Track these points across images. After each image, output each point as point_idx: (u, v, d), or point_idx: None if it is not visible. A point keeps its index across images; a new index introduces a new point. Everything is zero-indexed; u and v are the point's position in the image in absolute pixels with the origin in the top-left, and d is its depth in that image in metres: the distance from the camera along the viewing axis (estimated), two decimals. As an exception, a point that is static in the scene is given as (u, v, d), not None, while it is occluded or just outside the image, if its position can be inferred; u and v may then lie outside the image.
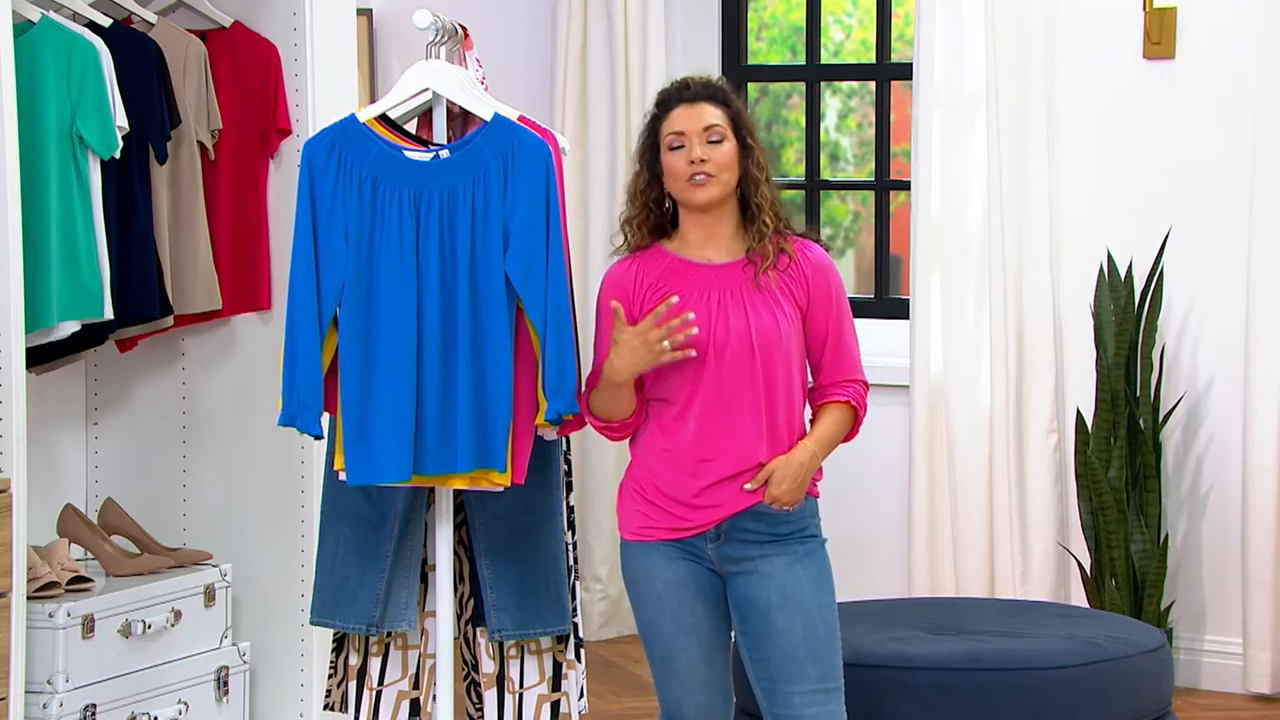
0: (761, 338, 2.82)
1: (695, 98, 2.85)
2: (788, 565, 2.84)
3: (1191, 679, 4.55)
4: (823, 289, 2.87)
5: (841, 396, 2.89)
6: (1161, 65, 4.54)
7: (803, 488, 2.85)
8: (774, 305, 2.84)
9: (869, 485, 4.76)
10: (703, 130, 2.84)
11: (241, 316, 3.95)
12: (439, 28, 3.12)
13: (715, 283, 2.85)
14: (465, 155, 2.97)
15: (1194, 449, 4.57)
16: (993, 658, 3.32)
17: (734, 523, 2.86)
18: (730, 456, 2.84)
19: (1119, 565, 4.40)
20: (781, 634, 2.82)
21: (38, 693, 3.48)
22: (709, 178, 2.83)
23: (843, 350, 2.89)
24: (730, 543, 2.87)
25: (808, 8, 5.05)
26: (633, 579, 2.91)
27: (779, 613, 2.82)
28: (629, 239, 2.91)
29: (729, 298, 2.84)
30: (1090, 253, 4.56)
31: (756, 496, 2.85)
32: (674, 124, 2.85)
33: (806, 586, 2.84)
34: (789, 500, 2.84)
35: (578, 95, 4.96)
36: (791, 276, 2.86)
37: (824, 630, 2.84)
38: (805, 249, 2.89)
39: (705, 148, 2.83)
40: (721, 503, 2.85)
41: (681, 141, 2.84)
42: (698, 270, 2.87)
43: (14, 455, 3.36)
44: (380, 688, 3.20)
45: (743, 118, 2.87)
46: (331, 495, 3.17)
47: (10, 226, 3.36)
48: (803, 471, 2.84)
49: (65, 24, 3.56)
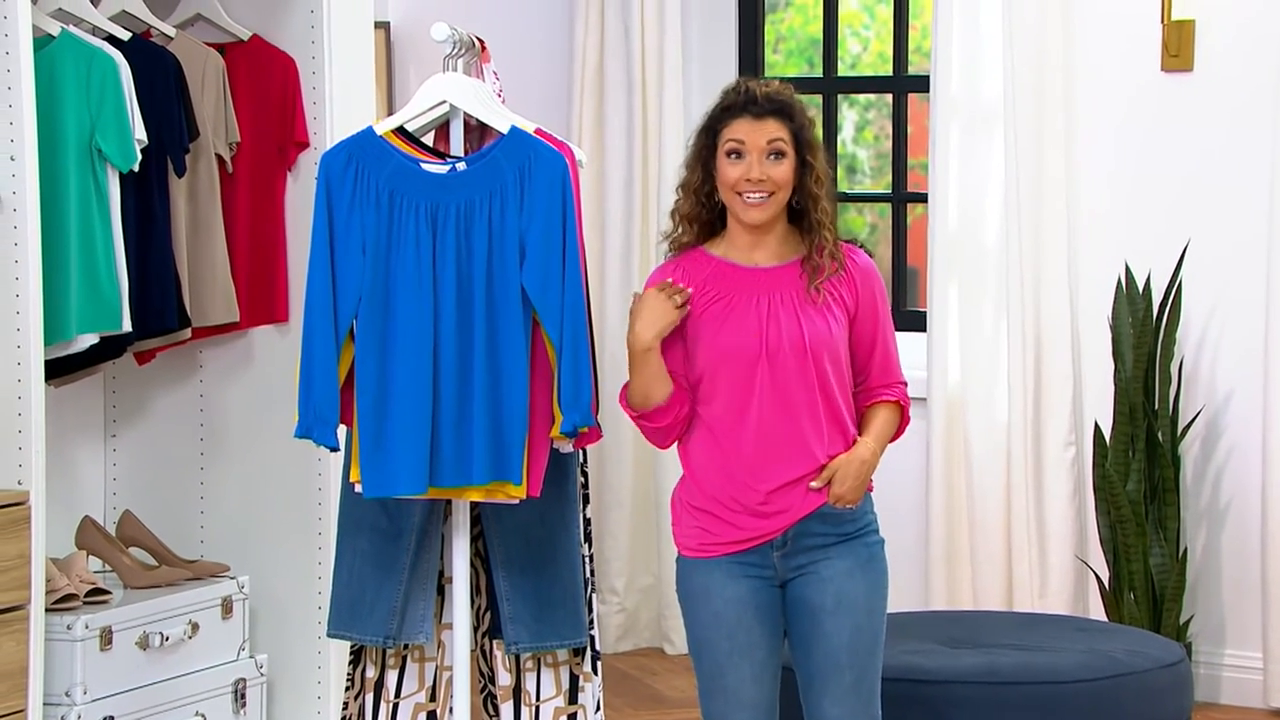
0: (814, 341, 2.83)
1: (761, 112, 2.83)
2: (848, 571, 2.85)
3: (1211, 693, 4.53)
4: (870, 295, 2.89)
5: (890, 397, 2.91)
6: (1180, 78, 4.53)
7: (864, 485, 2.87)
8: (825, 310, 2.85)
9: (886, 497, 4.71)
10: (765, 145, 2.82)
11: (259, 329, 3.95)
12: (456, 40, 3.13)
13: (766, 287, 2.85)
14: (482, 168, 2.97)
15: (1213, 462, 4.55)
16: (1010, 671, 3.31)
17: (801, 528, 2.85)
18: (792, 459, 2.84)
19: (1138, 579, 4.38)
20: (827, 638, 2.83)
21: (56, 705, 3.49)
22: (765, 197, 2.83)
23: (888, 355, 2.91)
24: (796, 551, 2.86)
25: (825, 20, 5.05)
26: (690, 595, 2.89)
27: (830, 617, 2.83)
28: (678, 231, 2.90)
29: (779, 302, 2.84)
30: (1108, 265, 4.55)
31: (822, 497, 2.85)
32: (735, 132, 2.83)
33: (861, 595, 2.85)
34: (853, 499, 2.86)
35: (594, 107, 4.96)
36: (841, 282, 2.87)
37: (868, 638, 2.85)
38: (853, 255, 2.90)
39: (765, 164, 2.82)
40: (788, 507, 2.84)
41: (741, 151, 2.83)
42: (747, 274, 2.87)
43: (32, 467, 3.37)
44: (397, 700, 3.20)
45: (805, 132, 2.85)
46: (348, 507, 3.17)
47: (30, 239, 3.37)
48: (865, 469, 2.86)
49: (85, 38, 3.57)
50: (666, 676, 4.73)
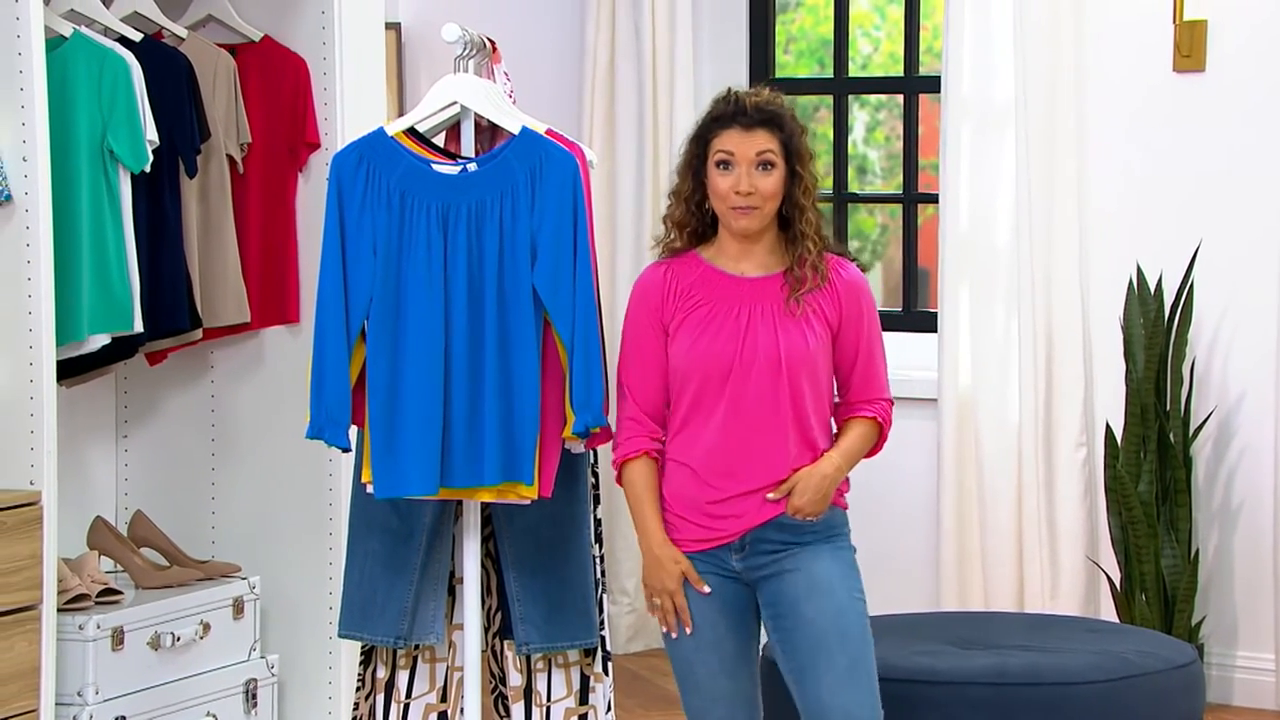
0: (790, 356, 2.82)
1: (750, 123, 2.82)
2: (814, 556, 2.84)
3: (1223, 695, 4.51)
4: (854, 309, 2.86)
5: (868, 413, 2.89)
6: (1192, 78, 4.52)
7: (826, 499, 2.85)
8: (804, 324, 2.83)
9: (897, 499, 4.74)
10: (754, 156, 2.82)
11: (270, 330, 3.95)
12: (467, 41, 3.12)
13: (747, 297, 2.85)
14: (493, 169, 2.97)
15: (1225, 463, 4.54)
16: (1021, 673, 3.30)
17: (758, 534, 2.85)
18: (753, 472, 2.83)
19: (1149, 580, 4.37)
20: (810, 622, 2.81)
21: (68, 705, 3.49)
22: (753, 209, 2.83)
23: (871, 370, 2.88)
24: (754, 554, 2.86)
25: (836, 20, 5.04)
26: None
27: (807, 601, 2.81)
28: (670, 237, 2.91)
29: (758, 314, 2.84)
30: (1120, 265, 4.54)
31: (779, 507, 2.84)
32: (725, 143, 2.83)
33: (835, 575, 2.83)
34: (811, 511, 2.84)
35: (605, 108, 4.96)
36: (824, 295, 2.85)
37: (854, 619, 2.81)
38: (840, 268, 2.88)
39: (753, 175, 2.81)
40: (743, 513, 2.84)
41: (730, 162, 2.83)
42: (731, 282, 2.86)
43: (44, 468, 3.37)
44: (408, 701, 3.20)
45: (795, 142, 2.84)
46: (360, 508, 3.17)
47: (42, 239, 3.37)
48: (826, 483, 2.84)
49: (97, 39, 3.58)
50: (677, 677, 4.73)
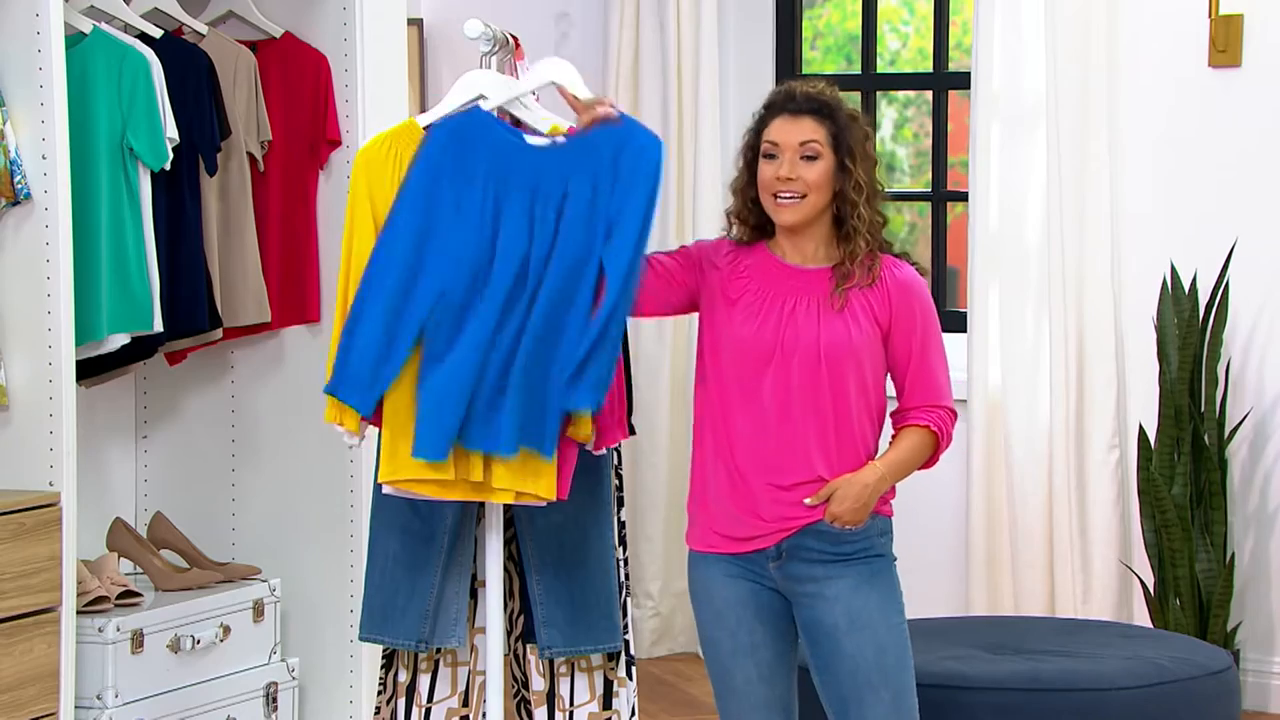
0: (829, 348, 2.77)
1: (798, 110, 2.79)
2: (854, 587, 2.78)
3: (1260, 701, 4.46)
4: (906, 309, 2.81)
5: (922, 421, 2.82)
6: (1228, 73, 4.46)
7: (866, 509, 2.79)
8: (849, 317, 2.79)
9: (926, 501, 4.69)
10: (798, 145, 2.78)
11: (290, 329, 3.93)
12: (490, 37, 3.09)
13: (796, 287, 2.81)
14: (580, 145, 2.92)
15: (1261, 465, 4.48)
16: (1053, 678, 3.27)
17: (796, 541, 2.80)
18: (787, 465, 2.78)
19: (1183, 584, 4.32)
20: (851, 658, 2.77)
21: (87, 708, 3.48)
22: (795, 198, 2.78)
23: (926, 373, 2.81)
24: (792, 561, 2.81)
25: (863, 16, 5.00)
26: (694, 592, 2.88)
27: (847, 637, 2.77)
28: (733, 233, 2.88)
29: (802, 304, 2.80)
30: (1153, 264, 4.49)
31: (818, 513, 2.79)
32: (772, 133, 2.80)
33: (874, 608, 2.78)
34: (850, 520, 2.78)
35: (630, 105, 4.94)
36: (874, 293, 2.80)
37: (895, 653, 2.78)
38: (893, 267, 2.83)
39: (797, 164, 2.78)
40: (781, 516, 2.79)
41: (775, 152, 2.80)
42: (783, 271, 2.83)
43: (63, 469, 3.36)
44: (429, 705, 3.18)
45: (845, 135, 2.79)
46: (380, 509, 3.15)
47: (61, 238, 3.35)
48: (867, 493, 2.78)
49: (117, 35, 3.56)
50: (701, 682, 4.69)
